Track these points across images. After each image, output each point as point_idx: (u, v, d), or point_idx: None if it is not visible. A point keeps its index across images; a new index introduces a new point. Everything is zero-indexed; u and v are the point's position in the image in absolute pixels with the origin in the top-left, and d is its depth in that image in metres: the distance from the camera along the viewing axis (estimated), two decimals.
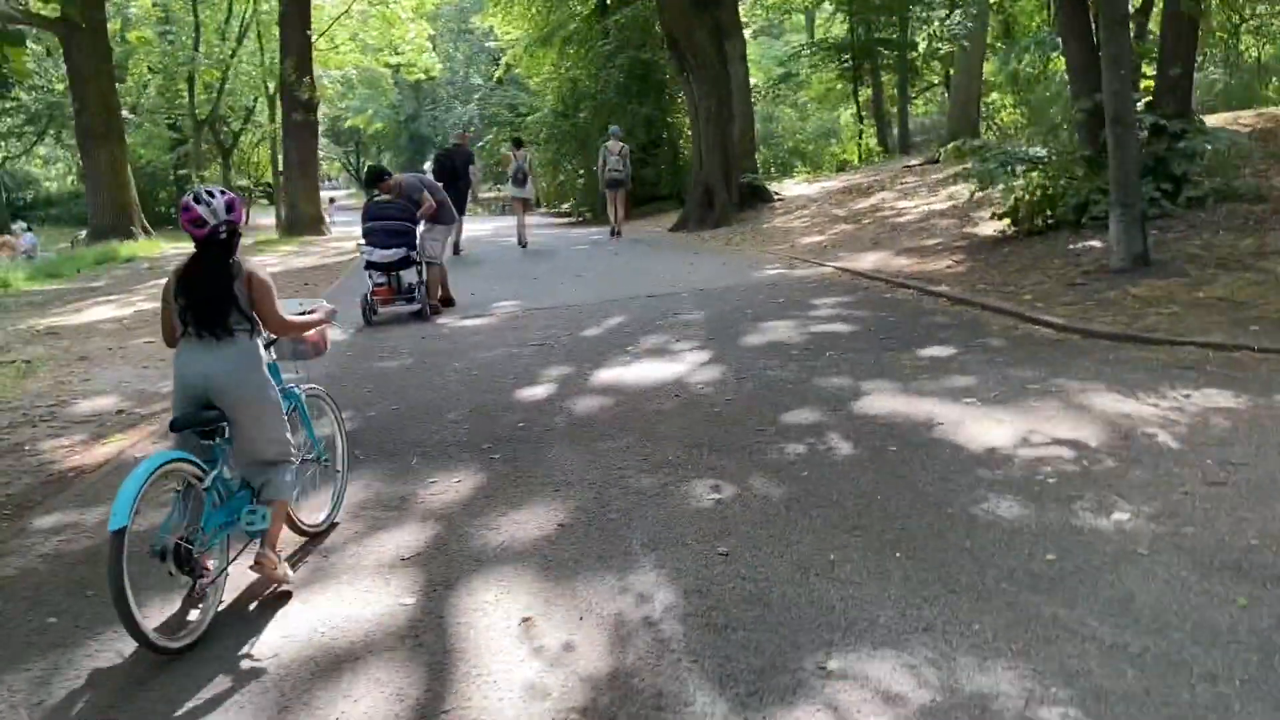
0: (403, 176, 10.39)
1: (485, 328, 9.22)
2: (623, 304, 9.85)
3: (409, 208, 9.83)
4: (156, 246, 23.87)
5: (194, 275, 3.76)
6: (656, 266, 12.63)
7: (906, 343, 7.14)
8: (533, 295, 10.90)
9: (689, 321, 8.65)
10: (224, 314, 3.71)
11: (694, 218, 18.19)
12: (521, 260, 14.96)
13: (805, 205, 17.74)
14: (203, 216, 3.71)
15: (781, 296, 9.53)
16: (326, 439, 4.66)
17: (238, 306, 3.74)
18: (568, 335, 8.47)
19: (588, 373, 7.03)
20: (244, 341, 3.77)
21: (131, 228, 25.50)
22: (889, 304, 8.73)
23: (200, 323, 3.70)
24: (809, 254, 12.38)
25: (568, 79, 27.69)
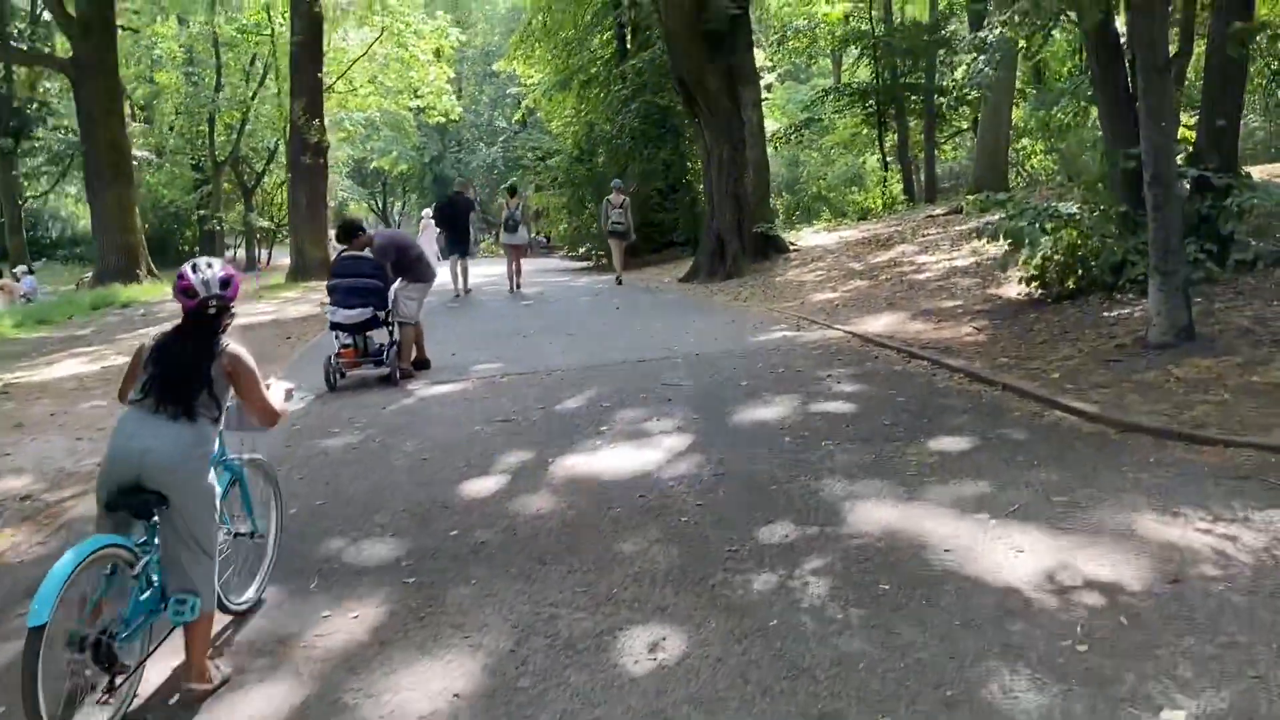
0: (379, 234, 9.61)
1: (455, 396, 8.39)
2: (610, 370, 9.00)
3: (379, 265, 9.07)
4: (159, 290, 23.37)
5: (170, 347, 3.58)
6: (655, 324, 11.79)
7: (914, 431, 6.23)
8: (516, 356, 10.08)
9: (676, 394, 7.78)
10: (190, 395, 3.51)
11: (705, 268, 17.39)
12: (516, 313, 14.19)
13: (821, 257, 16.88)
14: (194, 286, 3.54)
15: (782, 365, 8.64)
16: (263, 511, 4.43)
17: (208, 390, 3.54)
18: (540, 409, 7.62)
19: (549, 461, 6.17)
20: (204, 428, 3.55)
21: (137, 270, 25.10)
22: (899, 379, 7.82)
23: (163, 398, 3.49)
24: (819, 313, 11.49)
25: (584, 123, 27.13)
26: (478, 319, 13.62)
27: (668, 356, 9.46)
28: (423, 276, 9.54)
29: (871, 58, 28.97)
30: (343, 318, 8.85)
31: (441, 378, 9.25)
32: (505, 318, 13.60)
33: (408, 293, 9.37)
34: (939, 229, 16.96)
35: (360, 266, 8.98)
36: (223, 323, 3.63)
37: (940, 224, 17.74)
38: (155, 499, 3.40)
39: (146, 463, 3.39)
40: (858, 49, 29.75)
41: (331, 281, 9.03)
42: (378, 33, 31.36)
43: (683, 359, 9.29)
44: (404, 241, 9.65)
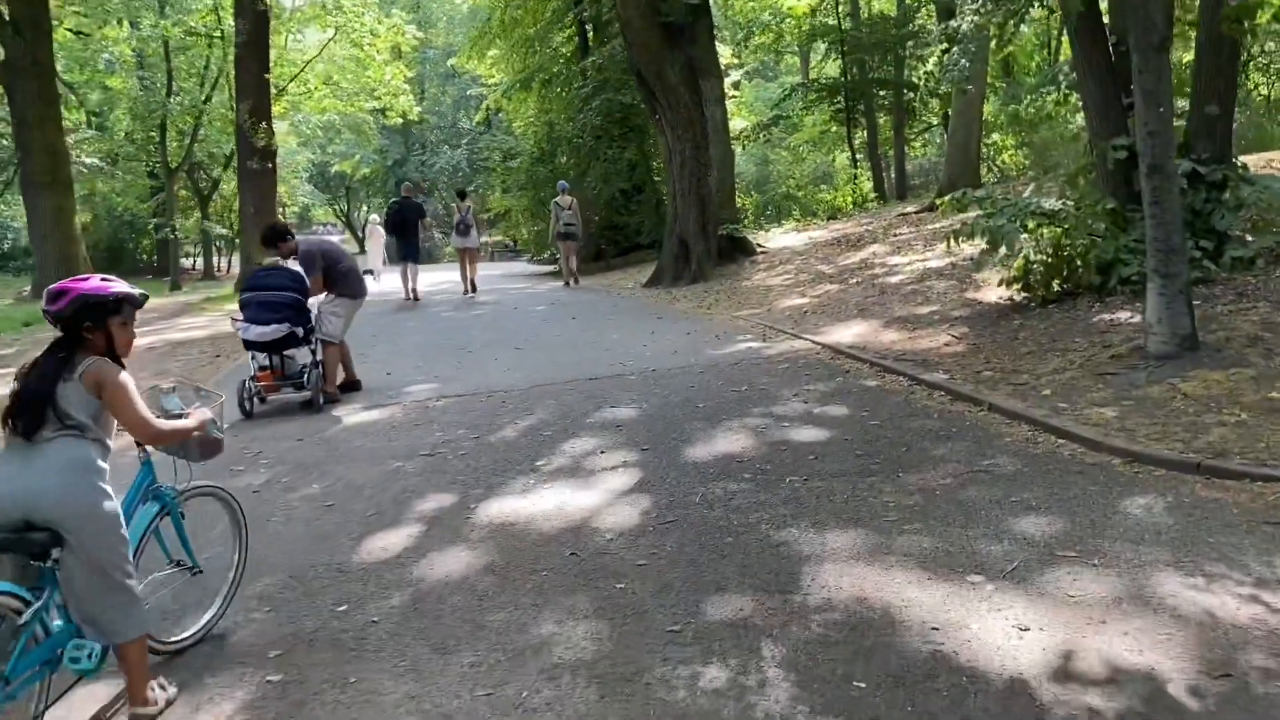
0: (304, 242, 8.72)
1: (381, 425, 7.52)
2: (556, 391, 8.16)
3: (299, 276, 8.19)
4: None
5: (31, 367, 3.36)
6: (611, 335, 10.96)
7: (892, 464, 5.43)
8: (456, 375, 9.22)
9: (626, 420, 6.95)
10: (37, 415, 3.23)
11: (669, 273, 16.59)
12: (464, 323, 13.30)
13: (789, 259, 16.12)
14: (46, 307, 3.38)
15: (745, 383, 7.83)
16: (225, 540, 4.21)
17: (55, 409, 3.24)
18: (473, 440, 6.77)
19: (472, 506, 5.32)
20: (67, 447, 3.24)
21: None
22: (873, 398, 7.03)
23: (15, 417, 3.25)
24: (787, 322, 10.71)
25: (545, 123, 26.27)
26: (422, 330, 12.74)
27: (621, 374, 8.64)
28: (352, 291, 8.66)
29: (839, 53, 28.29)
30: (255, 335, 7.96)
31: (371, 401, 8.38)
32: (452, 329, 12.71)
33: (333, 308, 8.50)
34: (911, 228, 16.24)
35: (277, 278, 8.09)
36: (72, 339, 3.34)
37: (912, 223, 17.04)
38: (49, 537, 3.14)
39: (29, 498, 3.15)
40: (825, 44, 29.04)
41: (244, 294, 8.14)
42: (331, 32, 30.37)
43: (637, 376, 8.47)
44: (334, 251, 8.76)
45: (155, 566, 3.83)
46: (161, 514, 3.81)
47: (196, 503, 4.07)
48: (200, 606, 4.02)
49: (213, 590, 4.09)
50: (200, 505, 4.13)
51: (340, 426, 7.61)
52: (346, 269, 8.64)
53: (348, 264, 8.72)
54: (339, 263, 8.58)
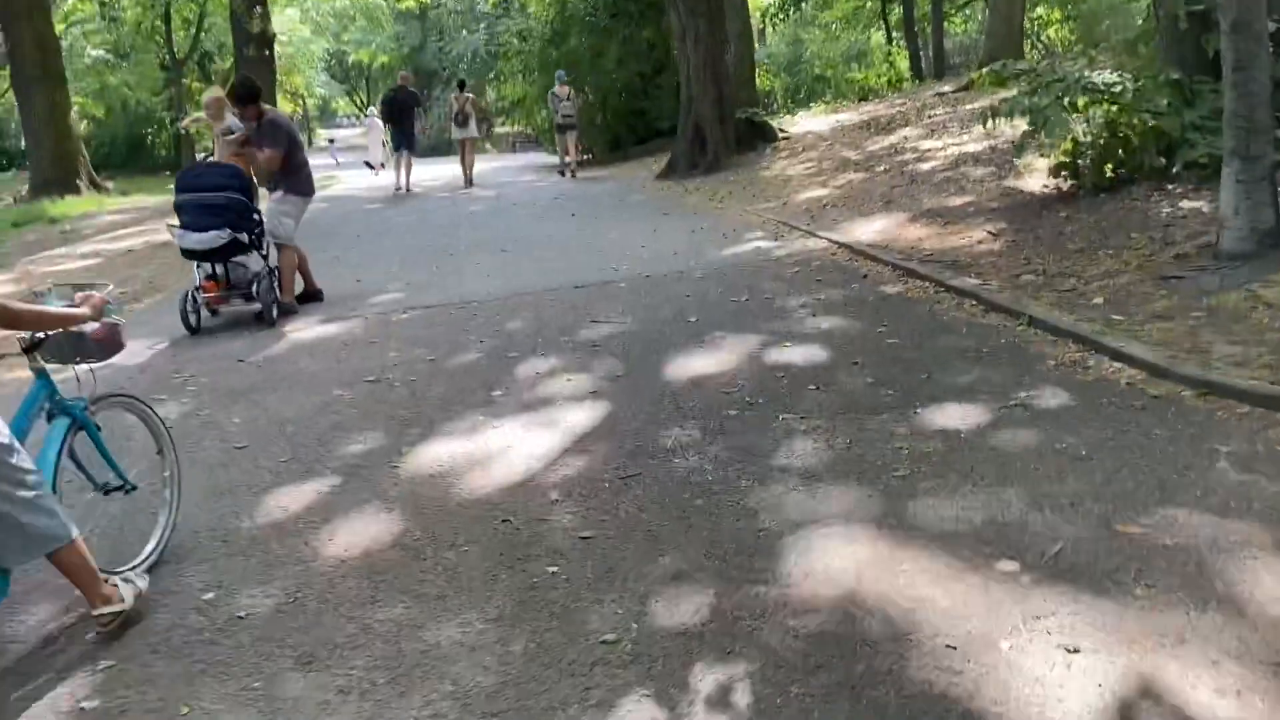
0: (276, 113, 7.73)
1: (332, 343, 6.65)
2: (535, 301, 7.23)
3: (238, 172, 7.23)
4: (96, 203, 21.44)
5: None
6: (610, 234, 9.95)
7: (908, 394, 4.49)
8: (431, 282, 8.31)
9: (605, 338, 6.02)
10: None
11: (683, 162, 15.42)
12: (454, 220, 12.29)
13: (814, 145, 14.85)
14: None
15: (747, 291, 6.85)
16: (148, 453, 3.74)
17: None
18: (428, 361, 5.88)
19: (402, 452, 4.45)
20: None
21: (76, 180, 23.12)
22: (892, 307, 6.04)
23: None
24: (803, 216, 9.63)
25: (555, 1, 24.64)
26: (410, 230, 11.77)
27: (611, 280, 7.68)
28: (303, 188, 7.68)
29: None
30: (193, 243, 7.04)
31: (330, 314, 7.50)
32: (439, 229, 11.72)
33: (283, 206, 7.55)
34: (947, 109, 14.86)
35: (213, 176, 7.14)
36: None
37: (949, 102, 15.61)
38: None
39: None
40: None
41: (178, 196, 7.19)
42: None
43: (627, 283, 7.51)
44: (296, 135, 7.78)
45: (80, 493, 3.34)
46: (74, 430, 3.32)
47: (108, 415, 3.56)
48: (146, 528, 3.61)
49: (153, 509, 3.67)
50: (113, 418, 3.60)
51: (287, 343, 6.75)
52: (302, 161, 7.65)
53: (303, 158, 7.73)
54: (299, 152, 7.58)
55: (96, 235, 15.28)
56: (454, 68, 51.88)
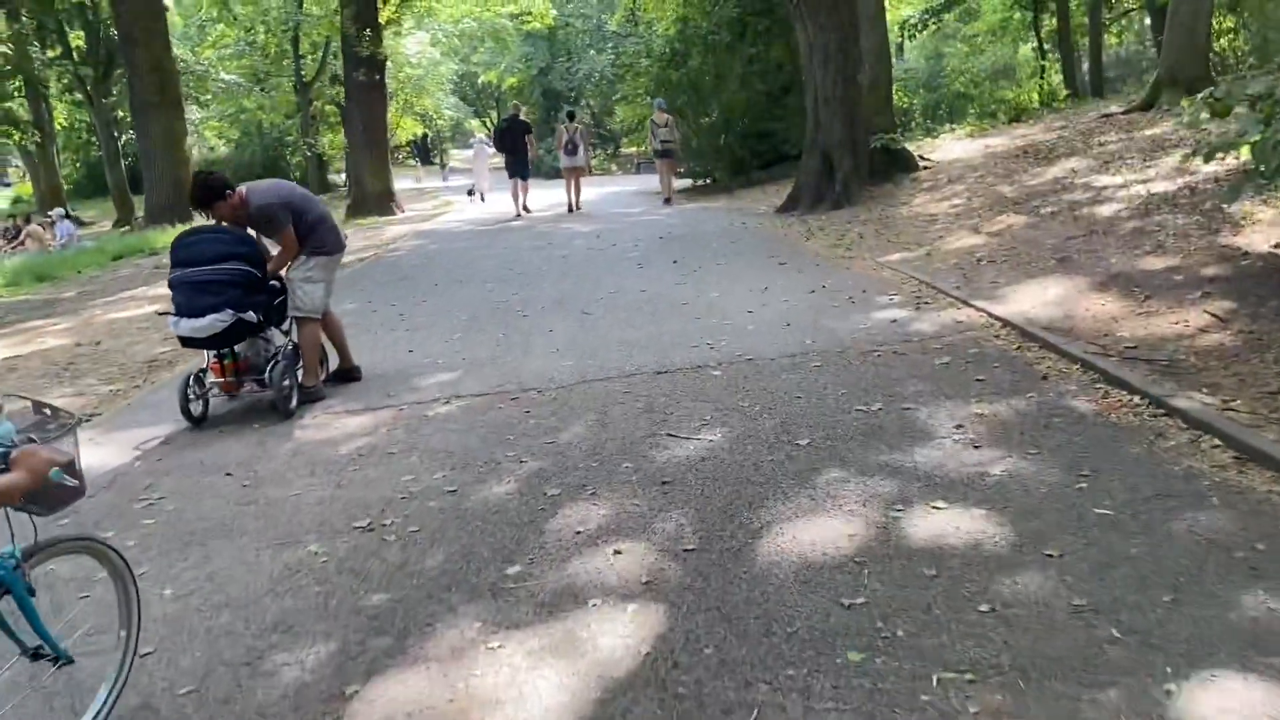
0: (255, 190, 6.14)
1: (343, 449, 5.25)
2: (605, 393, 5.71)
3: (245, 238, 5.93)
4: None
5: None
6: (712, 292, 8.35)
7: (1144, 636, 2.74)
8: (490, 358, 6.89)
9: (684, 466, 4.43)
10: None
11: (807, 195, 13.70)
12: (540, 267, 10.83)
13: (961, 177, 12.91)
14: None
15: (880, 392, 5.15)
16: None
17: None
18: (446, 494, 4.41)
19: (349, 693, 2.95)
20: None
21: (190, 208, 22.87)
22: (1093, 440, 4.24)
23: None
24: (952, 274, 7.82)
25: (676, 20, 23.21)
26: (489, 278, 10.40)
27: (704, 364, 6.09)
28: (328, 245, 6.32)
29: None
30: (187, 330, 5.74)
31: (360, 402, 6.14)
32: (523, 277, 10.27)
33: (306, 272, 6.21)
34: (1120, 134, 12.71)
35: (212, 244, 5.84)
36: None
37: (1120, 126, 13.45)
38: None
39: None
40: None
41: (171, 271, 5.91)
42: None
43: (723, 370, 5.90)
44: (298, 198, 6.31)
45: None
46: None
47: (57, 566, 2.85)
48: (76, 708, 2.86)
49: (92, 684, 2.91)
50: (64, 567, 2.94)
51: (291, 447, 5.38)
52: (316, 218, 6.26)
53: (318, 211, 6.33)
54: (307, 212, 6.21)
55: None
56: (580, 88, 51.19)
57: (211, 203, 5.91)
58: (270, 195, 6.09)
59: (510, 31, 44.81)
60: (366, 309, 9.24)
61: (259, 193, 6.07)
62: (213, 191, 5.91)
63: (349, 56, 21.55)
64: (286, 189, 6.31)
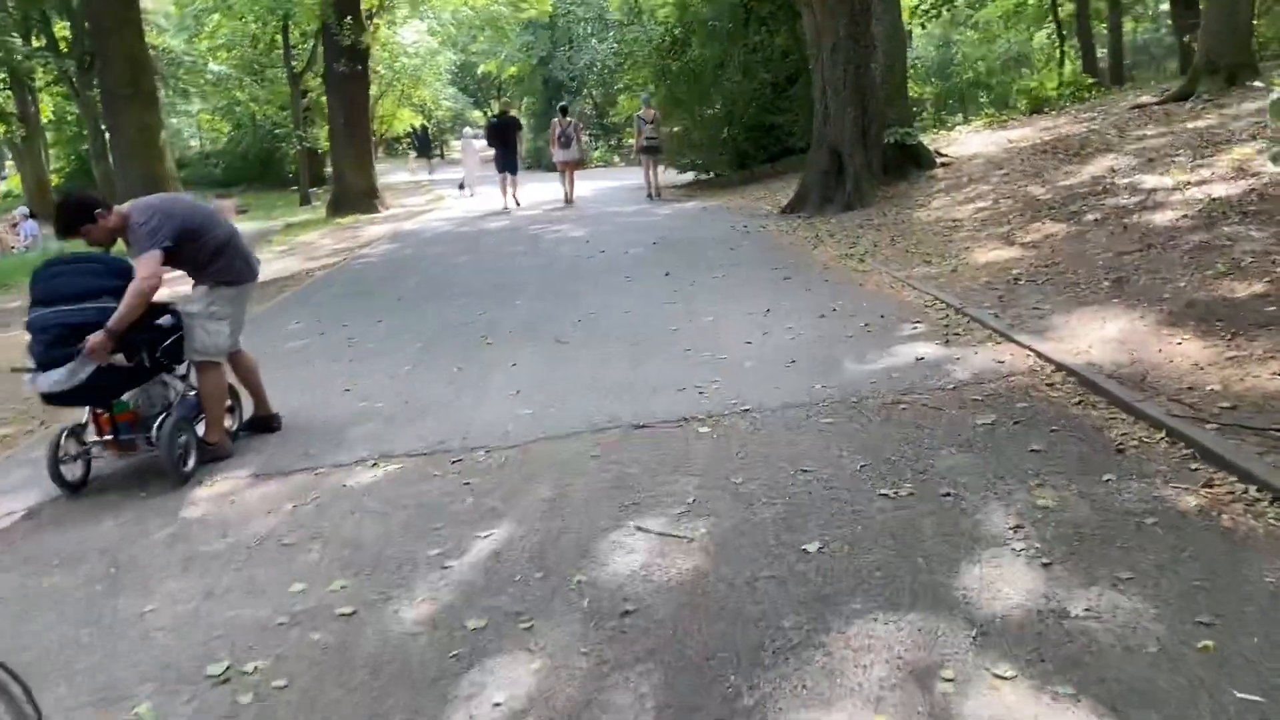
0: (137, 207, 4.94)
1: (230, 536, 4.16)
2: (569, 457, 4.61)
3: (119, 267, 4.82)
4: None
5: None
6: (705, 315, 7.23)
7: None
8: (436, 402, 5.79)
9: (653, 587, 3.32)
10: None
11: (815, 195, 12.56)
12: (519, 278, 9.71)
13: (983, 175, 11.75)
14: None
15: (909, 466, 4.03)
16: None
17: None
18: (336, 622, 3.32)
19: None
20: None
21: None
22: (1200, 548, 3.13)
23: None
24: (986, 296, 6.69)
25: (676, 5, 22.04)
26: (460, 293, 9.27)
27: (691, 415, 4.98)
28: (232, 274, 5.18)
29: None
30: (46, 386, 4.64)
31: (273, 461, 5.05)
32: (498, 289, 9.15)
33: (208, 306, 5.10)
34: (1159, 127, 11.54)
35: (78, 279, 4.72)
36: None
37: (1157, 119, 12.26)
38: None
39: None
40: None
41: (31, 313, 4.80)
42: None
43: (713, 426, 4.79)
44: (190, 215, 5.05)
45: None
46: None
47: None
48: None
49: None
50: None
51: (169, 533, 4.28)
52: (219, 242, 5.10)
53: (221, 234, 5.16)
54: (202, 233, 5.05)
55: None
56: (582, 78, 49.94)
57: (79, 225, 4.80)
58: (152, 207, 4.95)
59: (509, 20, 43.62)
60: (314, 331, 8.16)
61: (140, 209, 4.95)
62: (80, 212, 4.80)
63: (329, 46, 20.42)
64: (182, 205, 5.16)
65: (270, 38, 36.26)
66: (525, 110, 49.45)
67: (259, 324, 8.76)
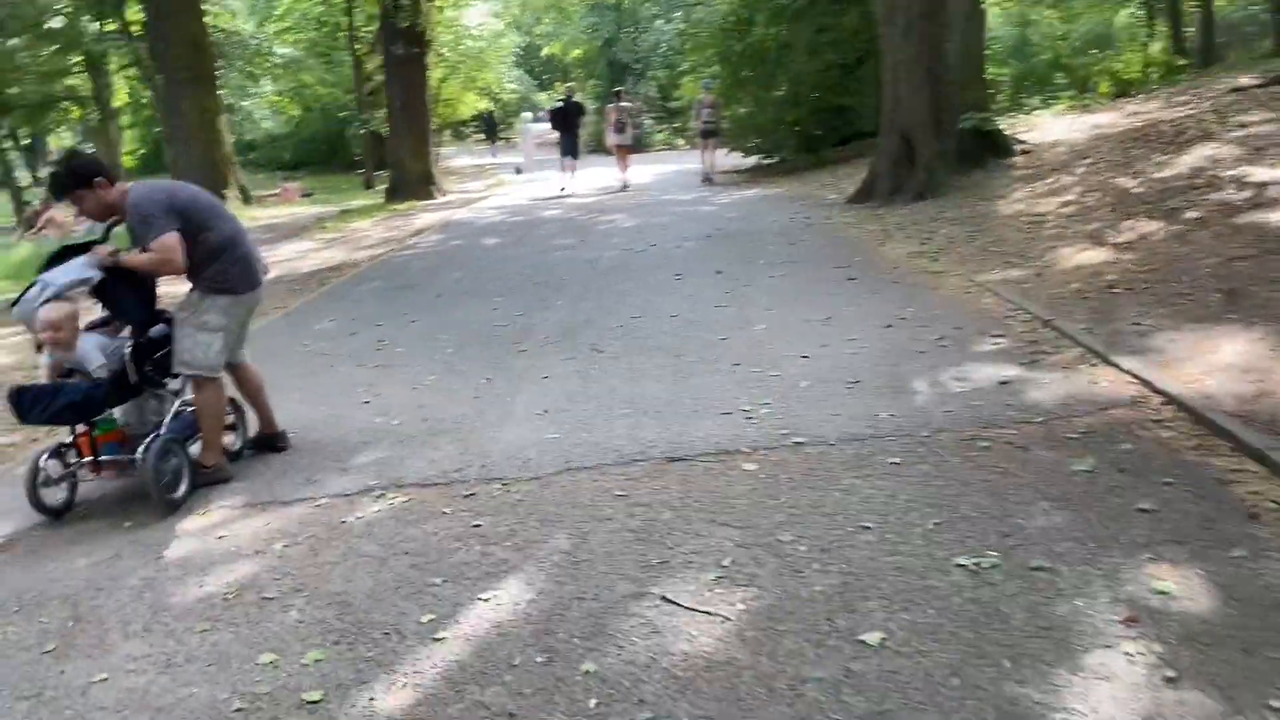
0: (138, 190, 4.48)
1: (208, 583, 3.67)
2: (591, 495, 4.05)
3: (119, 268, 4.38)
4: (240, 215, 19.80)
5: None
6: (757, 323, 6.59)
7: None
8: (458, 421, 5.26)
9: (671, 692, 2.73)
10: None
11: (885, 183, 11.80)
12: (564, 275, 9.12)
13: (1068, 164, 10.88)
14: None
15: (992, 537, 3.36)
16: None
17: None
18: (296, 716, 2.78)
19: None
20: None
21: (224, 191, 21.69)
22: None
23: None
24: (1077, 306, 5.95)
25: None
26: (501, 290, 8.75)
27: (733, 447, 4.37)
28: (230, 280, 4.67)
29: None
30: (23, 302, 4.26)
31: (274, 488, 4.57)
32: (540, 287, 8.62)
33: (199, 315, 4.61)
34: (1266, 113, 10.53)
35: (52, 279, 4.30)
36: None
37: (1262, 103, 11.23)
38: None
39: None
40: None
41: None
42: None
43: (760, 463, 4.18)
44: (192, 205, 4.55)
45: None
46: None
47: None
48: None
49: None
50: None
51: (143, 578, 3.81)
52: (222, 239, 4.61)
53: (226, 231, 4.67)
54: (206, 225, 4.56)
55: None
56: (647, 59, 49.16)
57: (74, 189, 4.36)
58: (154, 194, 4.48)
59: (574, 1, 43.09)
60: (344, 330, 7.70)
61: (142, 189, 4.48)
62: (77, 176, 4.37)
63: (388, 29, 20.04)
64: (185, 193, 4.65)
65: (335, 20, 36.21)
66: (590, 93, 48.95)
67: (290, 321, 8.34)
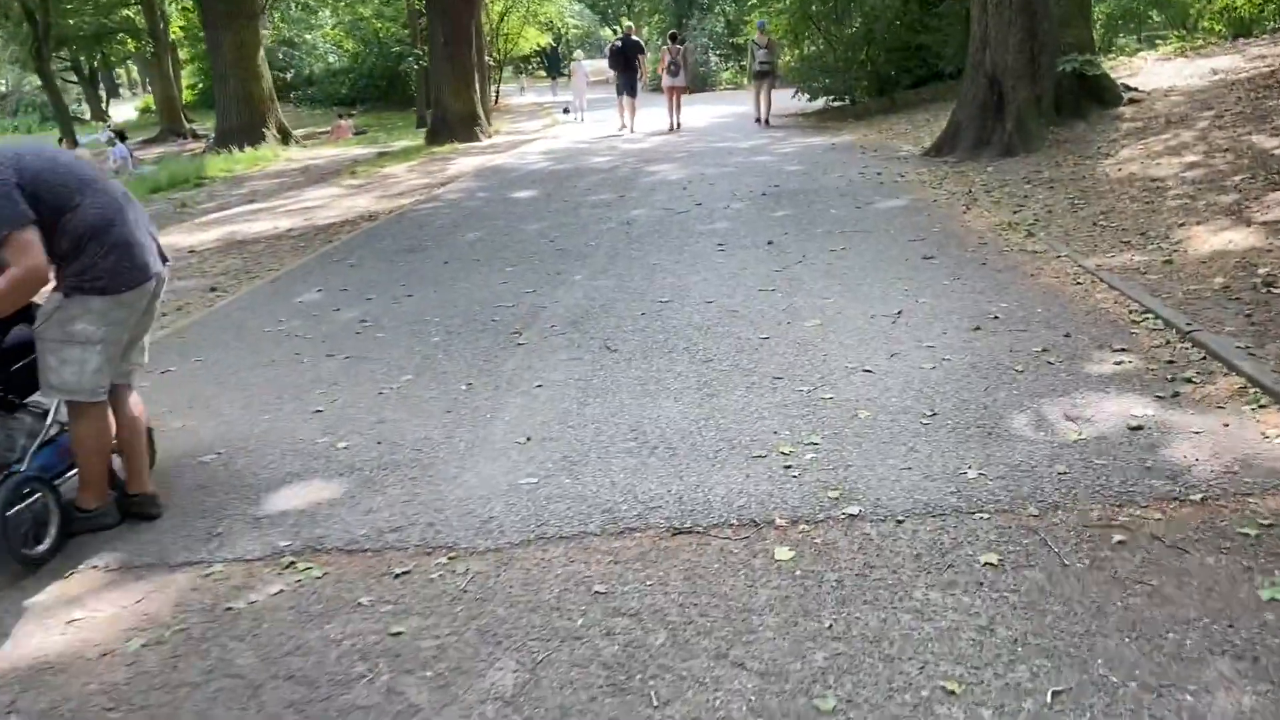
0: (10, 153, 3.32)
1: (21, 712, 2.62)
2: (550, 602, 2.89)
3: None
4: (271, 156, 18.95)
5: None
6: (809, 316, 5.33)
7: None
8: (412, 448, 4.13)
9: None
10: None
11: (967, 134, 10.35)
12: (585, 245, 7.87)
13: (1186, 117, 9.31)
14: None
15: (1152, 715, 2.15)
16: None
17: None
18: None
19: None
20: None
21: (264, 129, 20.80)
22: None
23: None
24: (1225, 307, 4.61)
25: None
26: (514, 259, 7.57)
27: (763, 518, 3.18)
28: (101, 275, 3.47)
29: None
30: None
31: (157, 548, 3.50)
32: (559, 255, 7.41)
33: (65, 325, 3.47)
34: None
35: None
36: None
37: None
38: None
39: None
40: None
41: None
42: None
43: (794, 542, 2.99)
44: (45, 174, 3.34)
45: None
46: None
47: None
48: None
49: None
50: None
51: None
52: (88, 225, 3.43)
53: (94, 211, 3.44)
54: (68, 203, 3.41)
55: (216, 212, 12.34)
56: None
57: None
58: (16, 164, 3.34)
59: None
60: (329, 304, 6.62)
61: (10, 154, 3.35)
62: None
63: None
64: (37, 160, 3.48)
65: None
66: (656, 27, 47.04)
67: (274, 289, 7.30)
